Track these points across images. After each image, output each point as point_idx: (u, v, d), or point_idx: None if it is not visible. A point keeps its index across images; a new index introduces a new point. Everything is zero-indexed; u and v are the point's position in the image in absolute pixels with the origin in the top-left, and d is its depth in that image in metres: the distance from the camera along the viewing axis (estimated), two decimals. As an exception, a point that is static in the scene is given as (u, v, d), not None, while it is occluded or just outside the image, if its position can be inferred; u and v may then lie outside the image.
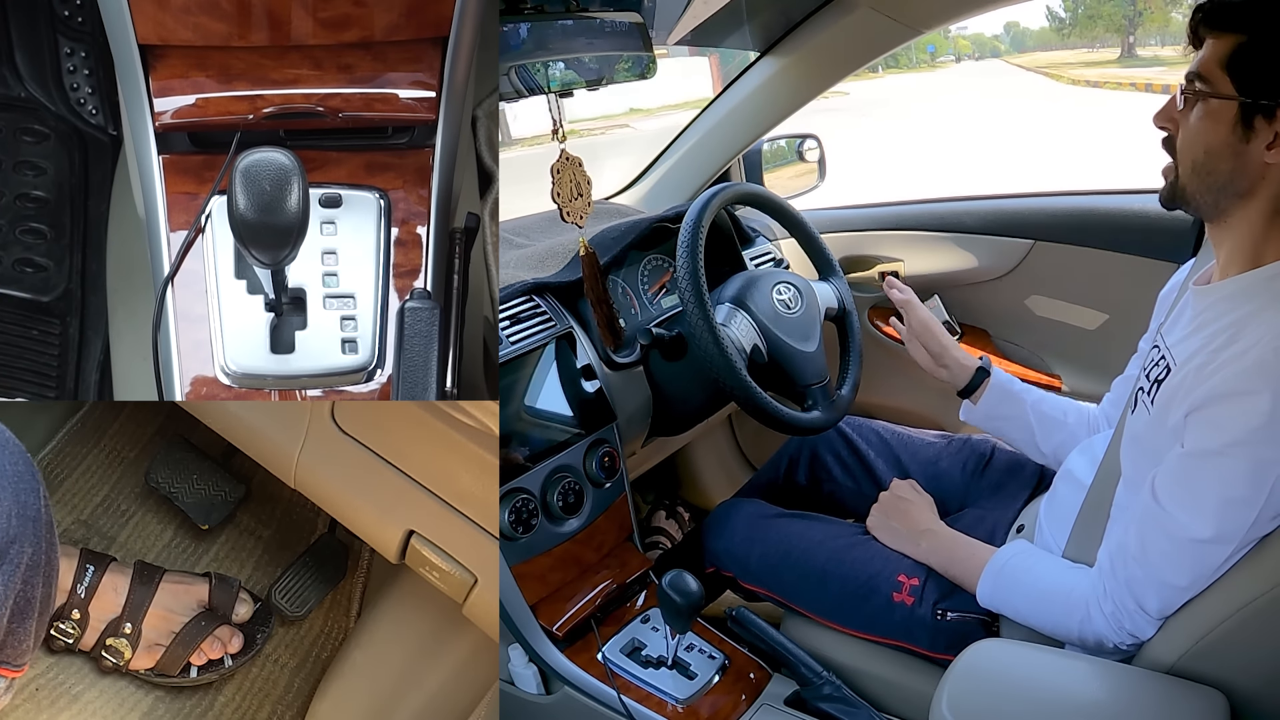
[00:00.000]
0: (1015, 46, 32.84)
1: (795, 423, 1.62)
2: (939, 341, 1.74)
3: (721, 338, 1.55)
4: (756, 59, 2.17)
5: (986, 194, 2.25)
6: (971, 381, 1.71)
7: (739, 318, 1.67)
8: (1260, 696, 1.11)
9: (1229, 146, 1.14)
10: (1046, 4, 33.24)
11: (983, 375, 1.70)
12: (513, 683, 1.70)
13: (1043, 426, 1.66)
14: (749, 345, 1.66)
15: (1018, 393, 1.69)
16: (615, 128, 17.10)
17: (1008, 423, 1.69)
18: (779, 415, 1.59)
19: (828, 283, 1.84)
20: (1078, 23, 34.71)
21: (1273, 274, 1.16)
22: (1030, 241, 2.08)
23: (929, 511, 1.61)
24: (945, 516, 1.61)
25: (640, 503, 2.42)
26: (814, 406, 1.70)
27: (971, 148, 12.14)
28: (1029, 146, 11.81)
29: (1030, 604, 1.36)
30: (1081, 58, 31.95)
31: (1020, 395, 1.69)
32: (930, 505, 1.63)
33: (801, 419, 1.63)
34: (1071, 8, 34.57)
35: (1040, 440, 1.66)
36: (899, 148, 13.09)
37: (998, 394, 1.69)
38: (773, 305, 1.70)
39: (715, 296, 1.69)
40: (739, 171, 2.40)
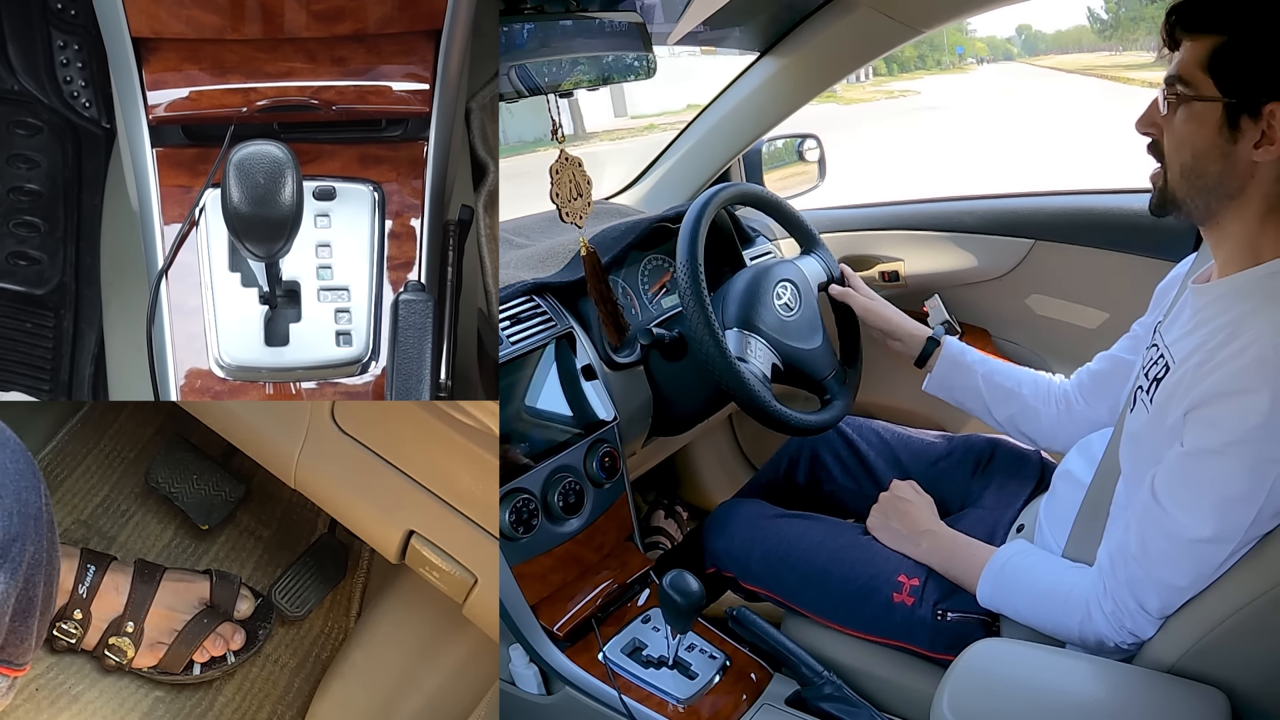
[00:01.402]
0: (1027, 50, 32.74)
1: (795, 423, 1.61)
2: (883, 317, 1.79)
3: (721, 339, 1.54)
4: (756, 59, 2.17)
5: (986, 194, 2.25)
6: (923, 351, 1.75)
7: (752, 344, 1.65)
8: (1261, 696, 1.10)
9: (1217, 148, 1.14)
10: (1088, 5, 33.12)
11: (933, 345, 1.74)
12: (513, 683, 1.69)
13: (994, 396, 1.70)
14: (768, 368, 1.66)
15: (969, 363, 1.72)
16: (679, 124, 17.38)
17: (962, 392, 1.73)
18: (779, 415, 1.59)
19: (813, 256, 1.85)
20: (1120, 24, 34.62)
21: (1270, 272, 1.15)
22: (1030, 241, 2.08)
23: (929, 512, 1.60)
24: (945, 516, 1.61)
25: (640, 503, 2.42)
26: (833, 399, 1.72)
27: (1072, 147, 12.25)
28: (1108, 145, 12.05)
29: (1030, 603, 1.35)
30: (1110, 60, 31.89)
31: (972, 366, 1.72)
32: (930, 505, 1.62)
33: (801, 419, 1.62)
34: (1114, 9, 34.52)
35: (993, 409, 1.70)
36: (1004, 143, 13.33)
37: (949, 364, 1.73)
38: (777, 315, 1.70)
39: (719, 313, 1.67)
40: (739, 171, 2.40)
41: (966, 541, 1.51)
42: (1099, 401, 1.62)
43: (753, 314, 1.68)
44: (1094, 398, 1.63)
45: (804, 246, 1.88)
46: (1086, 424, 1.62)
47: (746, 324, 1.67)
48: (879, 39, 2.00)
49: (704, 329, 1.54)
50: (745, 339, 1.65)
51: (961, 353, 1.74)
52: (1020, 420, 1.69)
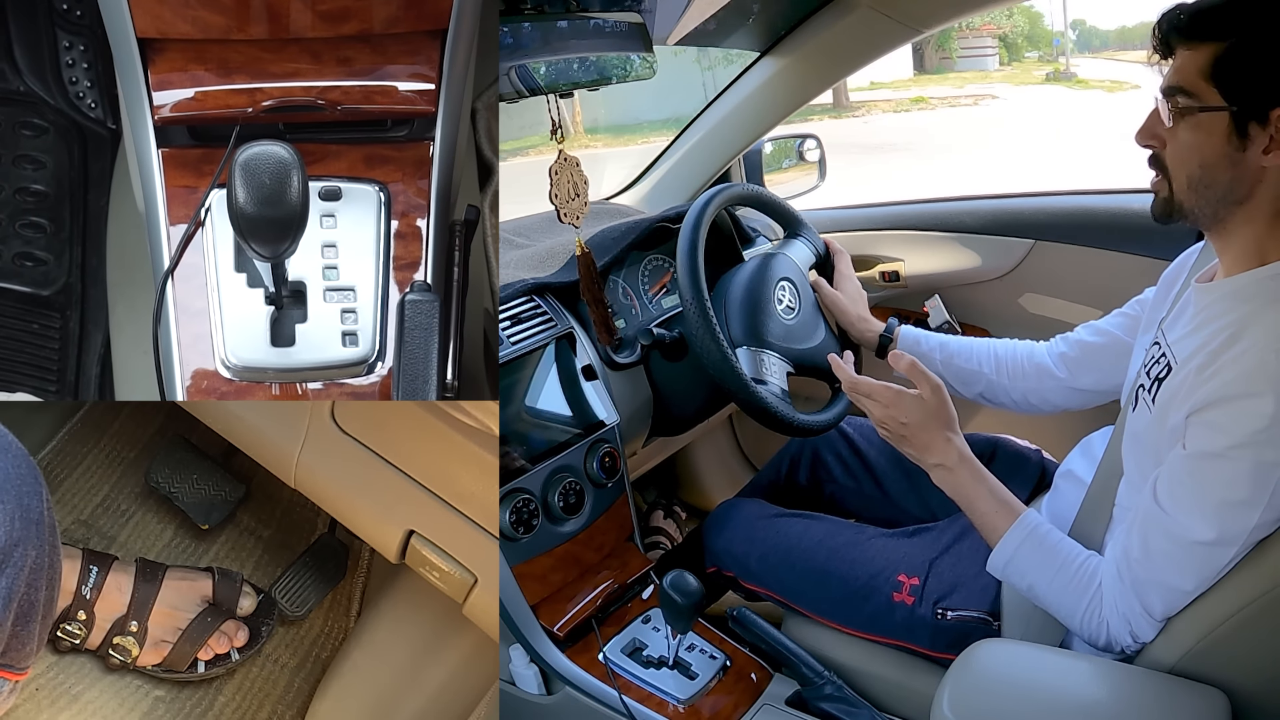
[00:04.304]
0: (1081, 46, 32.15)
1: (796, 423, 1.61)
2: (840, 310, 1.81)
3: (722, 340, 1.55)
4: (756, 59, 2.17)
5: (986, 194, 2.25)
6: (880, 345, 1.75)
7: (765, 359, 1.64)
8: (1262, 696, 1.11)
9: (1225, 157, 1.13)
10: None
11: (888, 339, 1.75)
12: (513, 683, 1.69)
13: (958, 378, 1.70)
14: (784, 381, 1.65)
15: (926, 351, 1.72)
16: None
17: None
18: (779, 416, 1.59)
19: (799, 239, 1.85)
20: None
21: (1272, 274, 1.15)
22: (1031, 241, 2.08)
23: (938, 433, 1.42)
24: (945, 516, 1.61)
25: (641, 503, 2.42)
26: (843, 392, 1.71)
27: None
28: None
29: (1049, 573, 1.29)
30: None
31: (929, 353, 1.72)
32: (941, 423, 1.43)
33: (802, 420, 1.62)
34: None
35: (960, 390, 1.70)
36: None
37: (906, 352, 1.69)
38: (781, 322, 1.69)
39: (722, 324, 1.66)
40: (739, 171, 2.40)
41: (987, 493, 1.39)
42: (1084, 374, 1.61)
43: (759, 326, 1.67)
44: (1079, 369, 1.62)
45: (788, 230, 1.88)
46: (1065, 393, 1.64)
47: (755, 338, 1.66)
48: (879, 39, 2.00)
49: (704, 330, 1.54)
50: (757, 357, 1.64)
51: (917, 341, 1.73)
52: (990, 395, 1.70)
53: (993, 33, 21.20)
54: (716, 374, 1.56)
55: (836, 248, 1.88)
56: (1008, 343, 1.71)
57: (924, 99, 19.52)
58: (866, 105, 19.29)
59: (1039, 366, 1.65)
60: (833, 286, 1.83)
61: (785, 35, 2.09)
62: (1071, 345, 1.64)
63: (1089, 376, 1.61)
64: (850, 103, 18.61)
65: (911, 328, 1.76)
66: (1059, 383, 1.64)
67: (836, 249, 1.88)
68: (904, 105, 19.55)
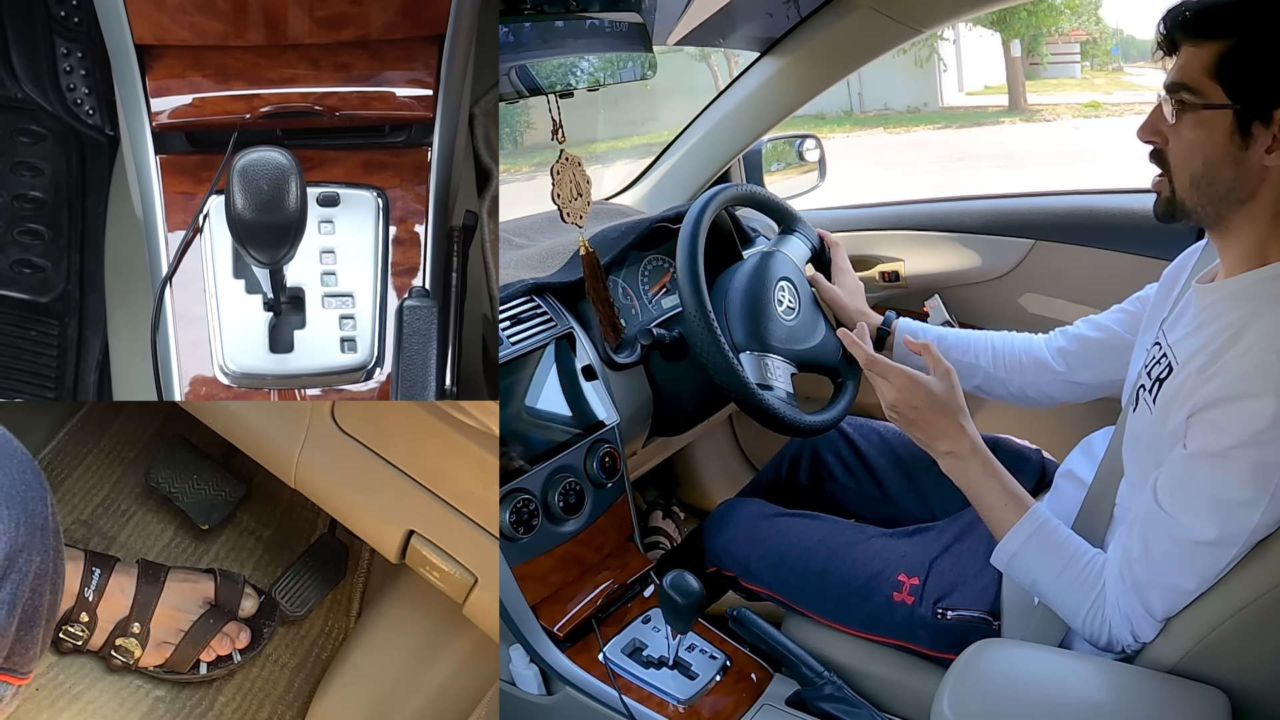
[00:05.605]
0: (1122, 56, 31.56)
1: (795, 424, 1.61)
2: (838, 305, 1.79)
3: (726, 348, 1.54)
4: (756, 59, 2.17)
5: (986, 194, 2.25)
6: (878, 339, 1.74)
7: (770, 364, 1.64)
8: (1262, 696, 1.11)
9: (1228, 155, 1.13)
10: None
11: (885, 333, 1.74)
12: (513, 683, 1.69)
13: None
14: (789, 383, 1.65)
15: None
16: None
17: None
18: (779, 416, 1.58)
19: (794, 234, 1.85)
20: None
21: (1274, 274, 1.15)
22: (1031, 241, 2.08)
23: (950, 419, 1.41)
24: (946, 516, 1.61)
25: (641, 503, 2.42)
26: (845, 381, 1.72)
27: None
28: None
29: (1054, 569, 1.29)
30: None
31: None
32: (956, 410, 1.42)
33: (802, 420, 1.62)
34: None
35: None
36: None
37: (903, 347, 1.69)
38: (782, 324, 1.69)
39: (724, 327, 1.65)
40: (739, 171, 2.40)
41: (994, 486, 1.37)
42: (1083, 369, 1.61)
43: (761, 329, 1.66)
44: (1077, 364, 1.62)
45: (783, 226, 1.88)
46: (1063, 386, 1.63)
47: (758, 342, 1.65)
48: (879, 39, 2.00)
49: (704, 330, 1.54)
50: (761, 361, 1.63)
51: (914, 333, 1.72)
52: (987, 388, 1.69)
53: (1079, 39, 20.37)
54: (722, 381, 1.55)
55: (832, 240, 1.87)
56: (1005, 336, 1.70)
57: (1097, 104, 18.56)
58: (1046, 109, 18.04)
59: (1036, 360, 1.65)
60: (830, 281, 1.83)
61: (785, 35, 2.09)
62: (1070, 340, 1.63)
63: (1087, 371, 1.61)
64: (1029, 105, 17.80)
65: (909, 320, 1.76)
66: (1056, 376, 1.63)
67: (832, 241, 1.87)
68: (1080, 110, 18.03)
